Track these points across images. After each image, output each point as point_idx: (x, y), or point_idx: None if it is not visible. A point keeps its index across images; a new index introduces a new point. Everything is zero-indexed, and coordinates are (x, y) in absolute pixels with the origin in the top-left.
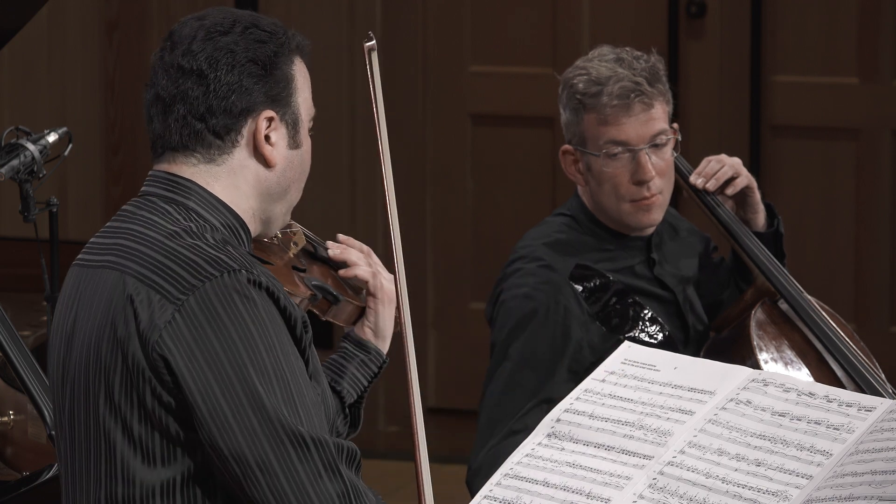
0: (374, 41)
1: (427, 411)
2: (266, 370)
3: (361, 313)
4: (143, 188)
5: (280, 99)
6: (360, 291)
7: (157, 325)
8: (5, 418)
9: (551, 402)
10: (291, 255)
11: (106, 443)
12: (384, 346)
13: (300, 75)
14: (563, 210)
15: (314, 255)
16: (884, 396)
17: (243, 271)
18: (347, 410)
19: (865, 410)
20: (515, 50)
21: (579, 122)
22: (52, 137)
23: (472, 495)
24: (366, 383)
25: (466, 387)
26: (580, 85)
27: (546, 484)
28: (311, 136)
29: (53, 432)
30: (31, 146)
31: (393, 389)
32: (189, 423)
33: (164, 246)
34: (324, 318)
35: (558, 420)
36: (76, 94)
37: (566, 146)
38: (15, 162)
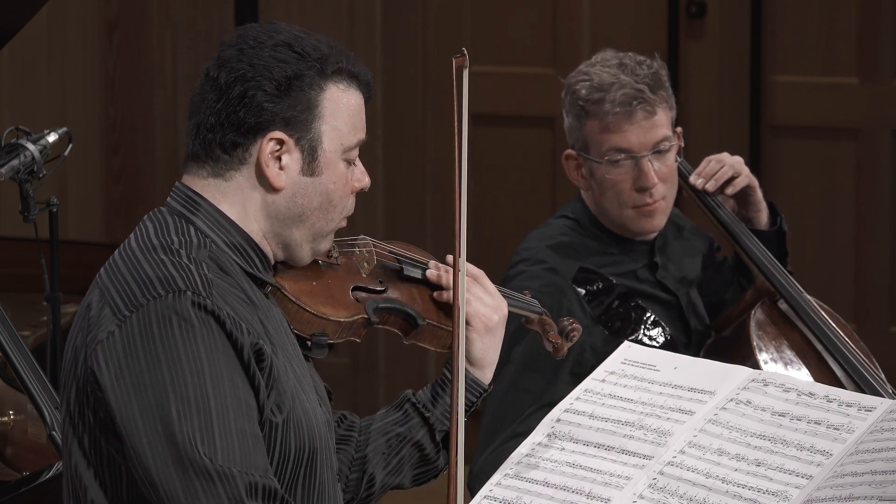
0: (466, 57)
1: None
2: (186, 396)
3: None
4: (167, 199)
5: (296, 122)
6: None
7: (97, 338)
8: (5, 418)
9: (554, 406)
10: (364, 276)
11: (68, 453)
12: (483, 376)
13: (331, 102)
14: (566, 212)
15: (400, 274)
16: (884, 396)
17: (189, 293)
18: (438, 438)
19: (865, 410)
20: (515, 50)
21: (582, 128)
22: (52, 137)
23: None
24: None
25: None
26: (582, 91)
27: (546, 484)
28: (350, 167)
29: (53, 432)
30: (31, 146)
31: (393, 389)
32: (120, 444)
33: (134, 258)
34: (406, 342)
35: (558, 420)
36: (76, 94)
37: (569, 151)
38: (15, 162)
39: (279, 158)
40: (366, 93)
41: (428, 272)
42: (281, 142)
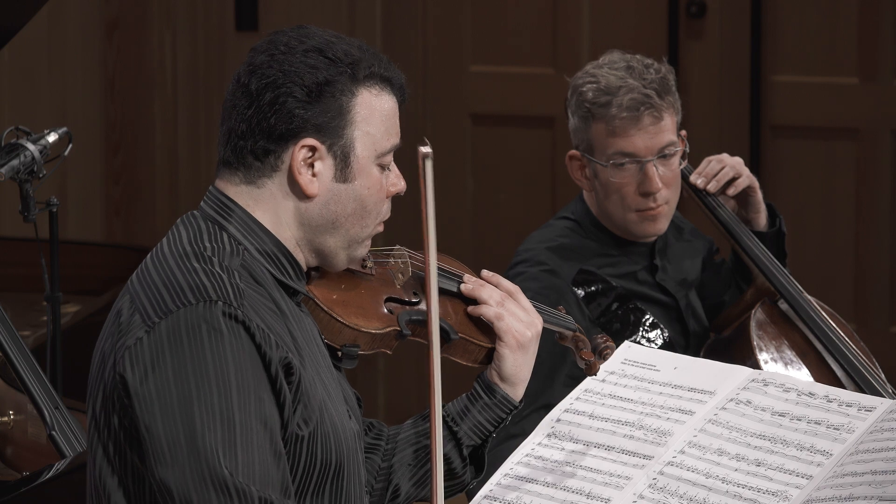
0: (430, 149)
1: None
2: (211, 408)
3: (492, 354)
4: (200, 203)
5: (328, 129)
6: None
7: (126, 344)
8: (5, 418)
9: (549, 409)
10: (398, 287)
11: (92, 458)
12: (514, 392)
13: (363, 108)
14: (567, 213)
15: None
16: (884, 396)
17: (220, 302)
18: (466, 452)
19: (865, 410)
20: (515, 50)
21: (587, 130)
22: (52, 137)
23: (469, 497)
24: (490, 428)
25: (466, 387)
26: (589, 93)
27: (546, 484)
28: (384, 172)
29: (53, 432)
30: (31, 146)
31: (393, 389)
32: (143, 452)
33: (166, 265)
34: None
35: (558, 420)
36: (76, 94)
37: (573, 151)
38: (15, 162)
39: (311, 165)
40: (399, 96)
41: (463, 286)
42: (313, 149)
